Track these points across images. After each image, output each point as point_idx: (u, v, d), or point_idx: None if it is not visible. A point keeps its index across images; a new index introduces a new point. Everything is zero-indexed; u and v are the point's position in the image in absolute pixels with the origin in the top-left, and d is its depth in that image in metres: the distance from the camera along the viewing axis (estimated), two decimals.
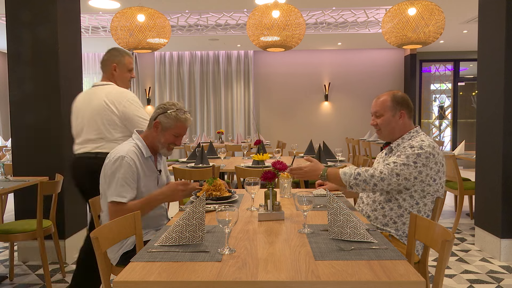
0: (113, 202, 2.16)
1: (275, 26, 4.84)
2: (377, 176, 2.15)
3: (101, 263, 1.68)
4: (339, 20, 8.04)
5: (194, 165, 4.23)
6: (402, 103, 2.36)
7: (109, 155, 2.26)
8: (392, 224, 2.27)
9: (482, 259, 3.86)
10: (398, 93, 2.39)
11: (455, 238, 4.49)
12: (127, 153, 2.23)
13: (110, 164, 2.21)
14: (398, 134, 2.37)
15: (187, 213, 1.67)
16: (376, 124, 2.40)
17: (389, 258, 1.47)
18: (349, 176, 2.19)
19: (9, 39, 3.79)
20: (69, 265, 3.76)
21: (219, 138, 8.19)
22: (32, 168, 3.80)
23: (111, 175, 2.19)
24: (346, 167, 2.27)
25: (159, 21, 5.00)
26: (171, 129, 2.34)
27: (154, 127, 2.36)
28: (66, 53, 3.92)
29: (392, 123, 2.35)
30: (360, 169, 2.20)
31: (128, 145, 2.32)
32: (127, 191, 2.18)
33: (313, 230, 1.84)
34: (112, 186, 2.17)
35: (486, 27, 4.02)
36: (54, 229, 3.38)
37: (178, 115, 2.34)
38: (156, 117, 2.36)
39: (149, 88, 10.58)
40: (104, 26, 8.18)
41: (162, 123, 2.34)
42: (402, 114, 2.35)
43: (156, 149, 2.40)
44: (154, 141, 2.36)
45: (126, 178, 2.19)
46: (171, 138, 2.36)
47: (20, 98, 3.80)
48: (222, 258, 1.49)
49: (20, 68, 3.80)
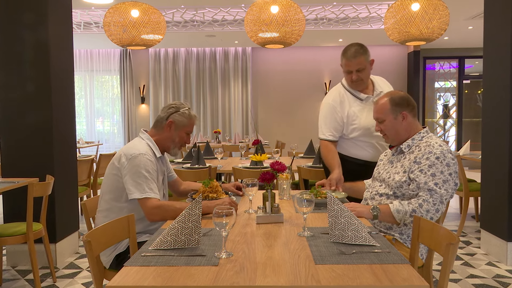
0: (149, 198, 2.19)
1: (274, 21, 4.84)
2: (432, 210, 2.12)
3: (93, 267, 1.68)
4: (340, 15, 8.05)
5: (190, 166, 4.23)
6: (401, 104, 2.34)
7: (126, 152, 2.28)
8: (396, 227, 2.27)
9: (488, 263, 3.87)
10: (396, 94, 2.37)
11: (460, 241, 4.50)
12: (146, 151, 2.29)
13: (132, 160, 2.23)
14: (405, 135, 2.36)
15: (183, 216, 1.67)
16: (381, 130, 2.40)
17: (392, 262, 1.47)
18: (404, 214, 2.15)
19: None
20: (60, 269, 3.75)
21: (216, 138, 8.19)
22: (22, 169, 3.79)
23: (136, 171, 2.21)
24: (395, 202, 2.20)
25: (153, 16, 5.00)
26: (185, 127, 2.44)
27: (167, 126, 2.43)
28: (57, 50, 3.91)
29: (396, 126, 2.35)
30: (413, 204, 2.14)
31: (142, 143, 2.38)
32: (155, 187, 2.26)
33: (313, 233, 1.84)
34: (139, 182, 2.20)
35: (492, 23, 4.03)
36: (44, 233, 3.38)
37: (191, 113, 2.46)
38: (169, 116, 2.42)
39: (143, 86, 10.57)
40: (96, 21, 8.17)
41: (176, 121, 2.42)
42: (404, 115, 2.34)
43: (166, 149, 2.47)
44: (167, 141, 2.44)
45: (152, 174, 2.25)
46: (184, 136, 2.47)
47: (10, 97, 3.80)
48: (219, 262, 1.49)
49: (9, 66, 3.79)
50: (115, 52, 10.53)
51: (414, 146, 2.32)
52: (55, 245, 3.84)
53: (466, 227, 5.03)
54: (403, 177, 2.24)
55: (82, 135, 10.41)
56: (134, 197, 2.20)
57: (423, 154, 2.22)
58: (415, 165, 2.21)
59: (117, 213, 2.26)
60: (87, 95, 10.66)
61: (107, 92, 10.88)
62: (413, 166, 2.22)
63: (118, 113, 10.73)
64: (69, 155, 4.14)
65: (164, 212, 2.18)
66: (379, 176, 2.45)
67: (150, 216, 2.20)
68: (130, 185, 2.22)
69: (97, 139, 10.61)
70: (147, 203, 2.19)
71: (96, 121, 10.82)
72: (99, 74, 10.65)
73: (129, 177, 2.22)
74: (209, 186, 2.39)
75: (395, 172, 2.31)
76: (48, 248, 3.46)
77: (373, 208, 2.19)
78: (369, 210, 2.19)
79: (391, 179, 2.30)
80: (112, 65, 10.56)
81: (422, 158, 2.20)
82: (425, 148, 2.24)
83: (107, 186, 2.34)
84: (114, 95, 10.84)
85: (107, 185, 2.34)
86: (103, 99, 10.85)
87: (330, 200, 1.76)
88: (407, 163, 2.27)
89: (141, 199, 2.20)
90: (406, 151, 2.34)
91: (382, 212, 2.19)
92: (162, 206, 2.20)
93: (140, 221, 2.28)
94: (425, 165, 2.18)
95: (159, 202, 2.22)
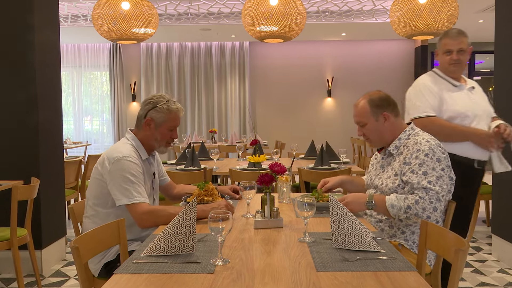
0: (138, 203, 2.18)
1: (273, 14, 4.85)
2: (429, 208, 2.12)
3: (81, 275, 1.68)
4: (343, 8, 8.06)
5: (184, 167, 4.22)
6: (381, 104, 2.36)
7: (109, 156, 2.27)
8: (400, 235, 2.28)
9: (500, 270, 3.88)
10: (374, 95, 2.39)
11: (470, 247, 4.51)
12: (129, 154, 2.27)
13: (116, 164, 2.22)
14: (390, 137, 2.38)
15: (176, 220, 1.67)
16: (363, 134, 2.43)
17: (398, 269, 1.48)
18: (398, 210, 2.16)
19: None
20: (46, 277, 3.75)
21: (212, 138, 8.19)
22: (5, 171, 3.78)
23: (120, 176, 2.20)
24: (392, 196, 2.20)
25: (145, 9, 5.00)
26: (165, 123, 2.37)
27: (146, 125, 2.38)
28: (42, 44, 3.90)
29: (378, 129, 2.37)
30: (409, 200, 2.14)
31: (126, 145, 2.35)
32: (144, 191, 2.25)
33: (314, 238, 1.84)
34: (126, 187, 2.19)
35: (504, 16, 4.04)
36: (29, 238, 3.37)
37: (170, 107, 2.36)
38: (146, 114, 2.37)
39: (134, 83, 10.57)
40: (84, 14, 8.16)
41: (155, 119, 2.36)
42: (386, 116, 2.35)
43: (152, 149, 2.43)
44: (149, 140, 2.39)
45: (137, 178, 2.24)
46: (167, 133, 2.39)
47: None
48: (215, 269, 1.49)
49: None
50: (104, 47, 10.52)
51: (402, 146, 2.33)
52: (40, 252, 3.83)
53: (477, 232, 5.04)
54: (395, 182, 2.26)
55: (69, 135, 10.39)
56: (122, 203, 2.19)
57: (411, 153, 2.23)
58: (405, 167, 2.22)
59: (104, 219, 2.25)
60: (75, 93, 10.64)
61: (96, 89, 10.87)
62: (403, 168, 2.23)
63: (108, 111, 10.72)
64: (56, 156, 4.13)
65: (156, 217, 2.17)
66: (372, 183, 2.47)
67: (141, 222, 2.19)
68: (116, 191, 2.20)
69: (86, 139, 10.60)
70: (137, 208, 2.18)
71: (84, 120, 10.81)
72: (87, 70, 10.64)
73: (114, 182, 2.21)
74: (204, 189, 2.39)
75: (387, 177, 2.32)
76: (34, 255, 3.45)
77: (368, 203, 2.21)
78: (364, 205, 2.22)
79: (384, 186, 2.31)
80: (101, 60, 10.54)
81: (411, 158, 2.22)
82: (413, 147, 2.25)
83: (92, 191, 2.34)
84: (103, 93, 10.83)
85: (91, 190, 2.34)
86: (91, 96, 10.84)
87: (332, 204, 1.76)
88: (397, 165, 2.29)
89: (130, 205, 2.18)
90: (395, 152, 2.35)
91: (377, 206, 2.21)
92: (154, 211, 2.19)
93: (130, 228, 2.25)
94: (415, 164, 2.19)
95: (150, 207, 2.21)
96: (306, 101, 10.52)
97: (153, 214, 2.17)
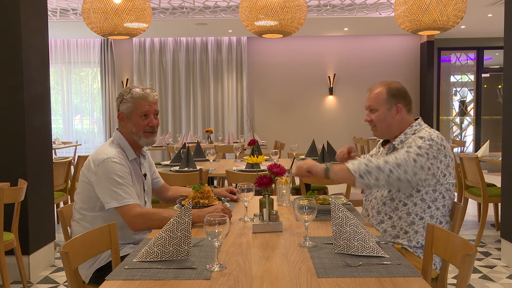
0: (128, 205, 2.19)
1: (271, 8, 4.85)
2: (392, 162, 2.15)
3: (71, 281, 1.68)
4: (345, 1, 8.07)
5: (179, 169, 4.23)
6: (398, 95, 2.39)
7: (94, 158, 2.28)
8: (403, 235, 2.29)
9: (510, 276, 3.89)
10: (393, 84, 2.43)
11: (477, 252, 4.51)
12: (114, 155, 2.28)
13: (101, 166, 2.23)
14: (396, 131, 2.40)
15: (170, 224, 1.67)
16: (371, 120, 2.43)
17: (402, 275, 1.48)
18: (359, 164, 2.17)
19: None
20: (34, 284, 3.75)
21: (208, 138, 8.19)
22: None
23: (107, 178, 2.21)
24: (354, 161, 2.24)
25: (138, 2, 5.00)
26: (134, 112, 2.37)
27: (121, 121, 2.42)
28: (30, 39, 3.90)
29: (388, 119, 2.39)
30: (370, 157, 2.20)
31: (111, 146, 2.36)
32: (133, 192, 2.25)
33: (315, 243, 1.85)
34: (114, 189, 2.20)
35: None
36: (16, 243, 3.37)
37: (133, 94, 2.37)
38: (118, 110, 2.42)
39: (126, 80, 10.56)
40: (74, 8, 8.15)
41: (124, 111, 2.39)
42: (399, 108, 2.38)
43: (136, 144, 2.44)
44: (129, 135, 2.41)
45: (125, 179, 2.24)
46: (141, 121, 2.37)
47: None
48: (211, 275, 1.50)
49: None
50: (95, 42, 10.51)
51: (407, 141, 2.35)
52: (28, 257, 3.83)
53: (485, 237, 5.05)
54: None
55: (58, 135, 10.38)
56: (111, 206, 2.20)
57: (413, 139, 2.27)
58: None
59: (91, 223, 2.27)
60: (64, 90, 10.63)
61: (86, 87, 10.86)
62: None
63: (99, 110, 10.71)
64: (44, 157, 4.13)
65: (149, 221, 2.18)
66: None
67: (133, 225, 2.20)
68: (104, 194, 2.21)
69: (75, 139, 10.59)
70: (128, 211, 2.18)
71: (74, 119, 10.79)
72: (77, 66, 10.62)
73: (101, 185, 2.22)
74: (200, 191, 2.39)
75: None
76: (21, 261, 3.45)
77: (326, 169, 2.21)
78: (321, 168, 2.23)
79: None
80: (91, 56, 10.53)
81: (412, 142, 2.25)
82: (416, 136, 2.29)
83: (79, 194, 2.36)
84: (94, 90, 10.82)
85: (79, 193, 2.36)
86: (81, 94, 10.83)
87: (334, 207, 1.77)
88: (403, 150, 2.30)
89: (120, 208, 2.19)
90: (400, 147, 2.37)
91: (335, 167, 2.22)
92: (147, 214, 2.19)
93: (120, 231, 2.23)
94: (410, 144, 2.24)
95: (142, 209, 2.22)
96: (306, 99, 10.52)
97: (146, 217, 2.18)
